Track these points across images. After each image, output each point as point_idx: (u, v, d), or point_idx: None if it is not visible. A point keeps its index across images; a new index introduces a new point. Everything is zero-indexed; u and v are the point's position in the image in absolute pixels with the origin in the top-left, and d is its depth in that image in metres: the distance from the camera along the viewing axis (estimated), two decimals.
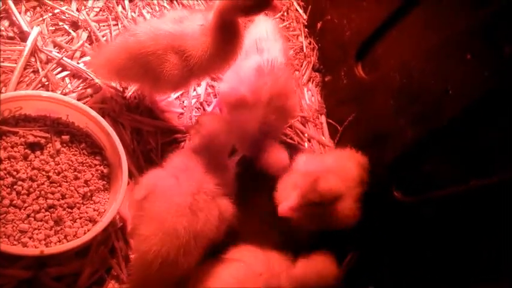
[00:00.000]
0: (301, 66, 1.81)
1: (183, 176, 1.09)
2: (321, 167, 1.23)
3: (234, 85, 1.28)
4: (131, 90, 1.45)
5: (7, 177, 1.13)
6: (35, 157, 1.20)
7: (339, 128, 1.62)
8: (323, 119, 1.73)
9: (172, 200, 1.04)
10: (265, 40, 1.33)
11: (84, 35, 1.50)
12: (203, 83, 1.60)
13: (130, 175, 1.29)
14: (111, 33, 1.53)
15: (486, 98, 1.02)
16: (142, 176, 1.17)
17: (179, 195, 1.05)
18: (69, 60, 1.42)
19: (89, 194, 1.22)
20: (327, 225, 1.21)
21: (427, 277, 1.16)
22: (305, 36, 1.90)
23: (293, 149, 1.44)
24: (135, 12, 1.62)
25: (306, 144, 1.63)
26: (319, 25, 1.86)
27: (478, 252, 1.04)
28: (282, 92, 1.27)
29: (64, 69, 1.42)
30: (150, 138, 1.41)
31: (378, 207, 1.34)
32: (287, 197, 1.15)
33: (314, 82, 1.80)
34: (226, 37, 1.16)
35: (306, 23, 1.95)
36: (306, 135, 1.66)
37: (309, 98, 1.75)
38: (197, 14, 1.20)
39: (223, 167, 1.18)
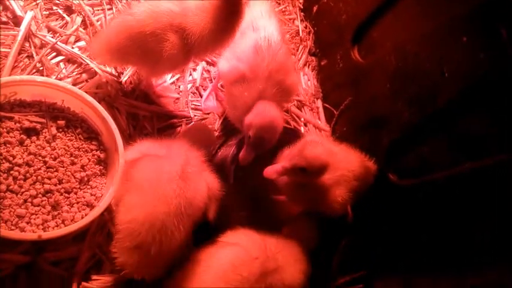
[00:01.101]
0: (297, 50, 1.81)
1: (172, 149, 1.11)
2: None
3: (233, 63, 1.28)
4: (127, 75, 1.44)
5: (3, 163, 1.13)
6: (31, 142, 1.20)
7: (335, 112, 1.62)
8: (319, 103, 1.73)
9: (162, 167, 1.04)
10: (260, 19, 1.32)
11: (79, 20, 1.48)
12: (199, 68, 1.60)
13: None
14: (105, 17, 1.52)
15: (482, 80, 1.02)
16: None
17: (169, 164, 1.05)
18: (63, 45, 1.41)
19: (85, 178, 1.22)
20: (315, 206, 1.22)
21: (422, 260, 1.17)
22: (301, 20, 1.88)
23: (292, 135, 1.44)
24: None
25: (302, 129, 1.63)
26: (315, 8, 1.85)
27: (473, 235, 1.05)
28: (280, 67, 1.27)
29: (59, 54, 1.41)
30: (146, 123, 1.41)
31: (374, 190, 1.35)
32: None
33: (310, 66, 1.80)
34: (227, 14, 1.15)
35: (302, 7, 1.93)
36: (302, 119, 1.66)
37: (305, 82, 1.75)
38: None
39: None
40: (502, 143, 0.99)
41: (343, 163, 1.24)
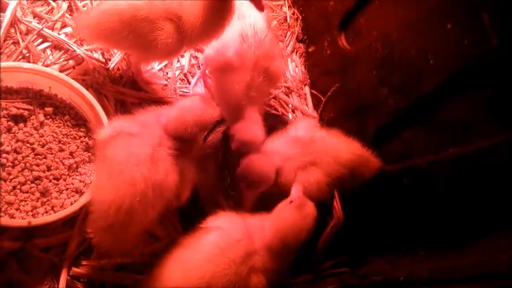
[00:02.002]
0: (285, 37, 1.81)
1: (146, 127, 1.10)
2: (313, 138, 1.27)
3: (220, 50, 1.28)
4: (114, 61, 1.43)
5: None
6: (19, 129, 1.20)
7: (322, 98, 1.64)
8: (307, 89, 1.74)
9: (132, 148, 1.03)
10: (245, 6, 1.32)
11: (65, 5, 1.47)
12: (187, 54, 1.60)
13: None
14: (91, 3, 1.51)
15: (465, 67, 1.04)
16: None
17: (140, 145, 1.04)
18: (49, 31, 1.40)
19: (74, 165, 1.22)
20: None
21: (405, 242, 1.20)
22: (289, 6, 1.88)
23: (280, 121, 1.45)
24: None
25: (290, 115, 1.64)
26: None
27: (454, 218, 1.08)
28: (267, 54, 1.28)
29: (45, 40, 1.40)
30: (134, 110, 1.41)
31: None
32: None
33: (298, 53, 1.80)
34: (218, 7, 1.15)
35: None
36: (290, 105, 1.67)
37: (293, 68, 1.76)
38: None
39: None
40: (484, 129, 1.01)
41: (331, 148, 1.25)
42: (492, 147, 0.98)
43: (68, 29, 1.44)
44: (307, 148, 1.24)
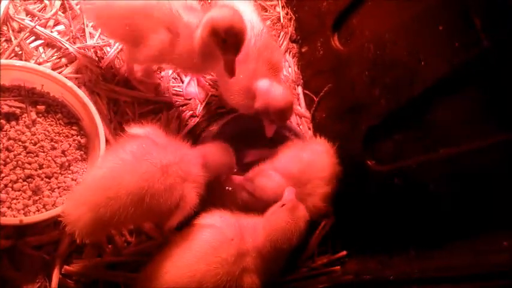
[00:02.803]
0: (279, 37, 1.81)
1: (172, 144, 1.13)
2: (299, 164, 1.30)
3: None
4: (107, 60, 1.43)
5: None
6: (11, 127, 1.19)
7: (315, 98, 1.64)
8: (300, 89, 1.75)
9: (152, 151, 1.05)
10: (237, 4, 1.32)
11: (57, 3, 1.47)
12: None
13: (108, 145, 1.29)
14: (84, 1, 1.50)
15: (457, 69, 1.05)
16: None
17: (159, 153, 1.06)
18: (42, 29, 1.40)
19: (66, 164, 1.22)
20: None
21: (397, 241, 1.21)
22: (282, 6, 1.89)
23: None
24: None
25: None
26: None
27: (445, 218, 1.09)
28: (267, 45, 1.30)
29: (37, 38, 1.40)
30: (127, 108, 1.41)
31: (352, 176, 1.38)
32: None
33: (291, 53, 1.81)
34: (205, 55, 1.15)
35: None
36: None
37: (286, 69, 1.76)
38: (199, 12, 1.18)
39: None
40: (475, 130, 1.02)
41: (315, 171, 1.28)
42: (482, 148, 1.00)
43: (61, 27, 1.44)
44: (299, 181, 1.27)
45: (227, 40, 1.06)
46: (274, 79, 1.30)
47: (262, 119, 1.30)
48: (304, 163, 1.29)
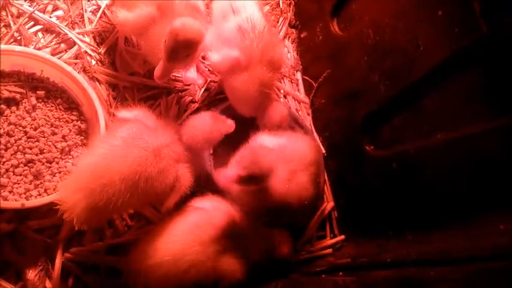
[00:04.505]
0: (278, 22, 1.81)
1: (162, 127, 1.13)
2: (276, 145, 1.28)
3: (224, 52, 1.28)
4: (106, 45, 1.43)
5: None
6: (11, 112, 1.20)
7: (314, 84, 1.64)
8: (299, 75, 1.75)
9: (142, 134, 1.06)
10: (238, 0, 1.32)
11: None
12: None
13: (108, 130, 1.29)
14: None
15: (456, 54, 1.05)
16: None
17: (151, 136, 1.07)
18: (41, 14, 1.39)
19: (67, 149, 1.23)
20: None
21: (394, 225, 1.23)
22: None
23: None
24: None
25: (282, 100, 1.65)
26: None
27: (442, 202, 1.10)
28: (269, 44, 1.29)
29: (36, 23, 1.39)
30: (126, 93, 1.42)
31: (351, 161, 1.39)
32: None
33: (290, 38, 1.81)
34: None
35: None
36: (282, 91, 1.68)
37: (285, 54, 1.76)
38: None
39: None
40: (473, 116, 1.03)
41: (295, 153, 1.27)
42: (480, 133, 1.00)
43: (60, 12, 1.44)
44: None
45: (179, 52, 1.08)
46: (274, 79, 1.33)
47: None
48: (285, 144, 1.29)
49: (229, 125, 1.25)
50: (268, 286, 1.15)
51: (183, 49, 1.08)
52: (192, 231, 1.08)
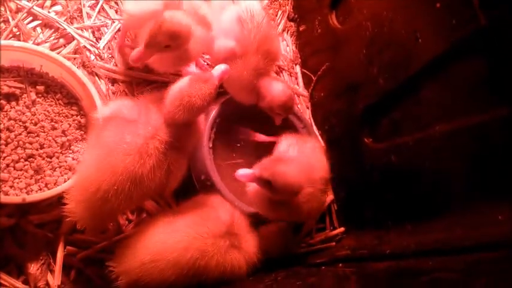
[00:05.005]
0: (276, 15, 1.81)
1: (144, 114, 1.07)
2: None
3: (221, 41, 1.29)
4: (105, 40, 1.43)
5: None
6: (11, 108, 1.20)
7: (313, 77, 1.65)
8: (298, 68, 1.75)
9: (124, 136, 1.01)
10: None
11: None
12: None
13: None
14: None
15: (454, 46, 1.05)
16: None
17: (133, 133, 1.02)
18: (39, 9, 1.39)
19: (67, 143, 1.23)
20: (284, 218, 1.27)
21: (393, 218, 1.24)
22: None
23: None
24: None
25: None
26: None
27: (442, 194, 1.11)
28: (266, 36, 1.30)
29: (35, 18, 1.39)
30: (125, 88, 1.42)
31: (350, 154, 1.40)
32: None
33: (289, 32, 1.81)
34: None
35: None
36: None
37: (284, 48, 1.76)
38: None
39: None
40: (471, 107, 1.04)
41: (319, 172, 1.25)
42: (478, 125, 1.01)
43: (58, 7, 1.43)
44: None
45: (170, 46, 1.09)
46: (269, 69, 1.33)
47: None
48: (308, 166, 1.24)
49: (214, 80, 1.09)
50: (268, 277, 1.16)
51: (164, 38, 1.06)
52: (203, 223, 1.08)
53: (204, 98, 1.05)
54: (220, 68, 1.11)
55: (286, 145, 1.27)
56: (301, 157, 1.24)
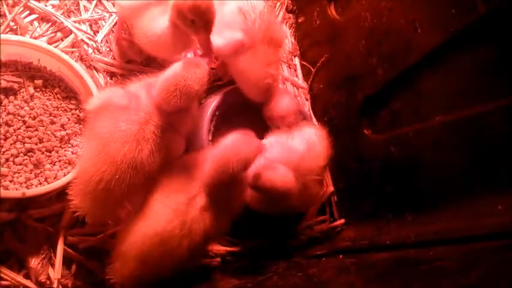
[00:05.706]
0: (275, 7, 1.80)
1: (135, 102, 1.05)
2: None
3: (227, 35, 1.28)
4: (103, 33, 1.43)
5: None
6: (9, 102, 1.20)
7: (312, 69, 1.64)
8: (297, 60, 1.74)
9: (118, 125, 1.00)
10: None
11: None
12: None
13: None
14: None
15: (453, 36, 1.05)
16: None
17: (127, 121, 1.01)
18: (36, 3, 1.38)
19: (66, 137, 1.23)
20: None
21: (394, 209, 1.24)
22: None
23: None
24: None
25: (280, 86, 1.65)
26: None
27: (441, 185, 1.11)
28: (269, 24, 1.30)
29: (32, 12, 1.38)
30: (124, 82, 1.41)
31: (350, 145, 1.40)
32: None
33: (288, 24, 1.80)
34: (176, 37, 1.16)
35: None
36: (280, 77, 1.67)
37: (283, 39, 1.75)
38: None
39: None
40: (471, 97, 1.03)
41: (313, 161, 1.26)
42: (478, 115, 1.01)
43: (55, 1, 1.43)
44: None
45: (195, 21, 1.06)
46: (274, 55, 1.33)
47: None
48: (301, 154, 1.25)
49: (205, 64, 1.08)
50: (269, 269, 1.16)
51: (189, 13, 1.04)
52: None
53: (199, 82, 1.04)
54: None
55: (270, 145, 1.26)
56: (289, 155, 1.23)
